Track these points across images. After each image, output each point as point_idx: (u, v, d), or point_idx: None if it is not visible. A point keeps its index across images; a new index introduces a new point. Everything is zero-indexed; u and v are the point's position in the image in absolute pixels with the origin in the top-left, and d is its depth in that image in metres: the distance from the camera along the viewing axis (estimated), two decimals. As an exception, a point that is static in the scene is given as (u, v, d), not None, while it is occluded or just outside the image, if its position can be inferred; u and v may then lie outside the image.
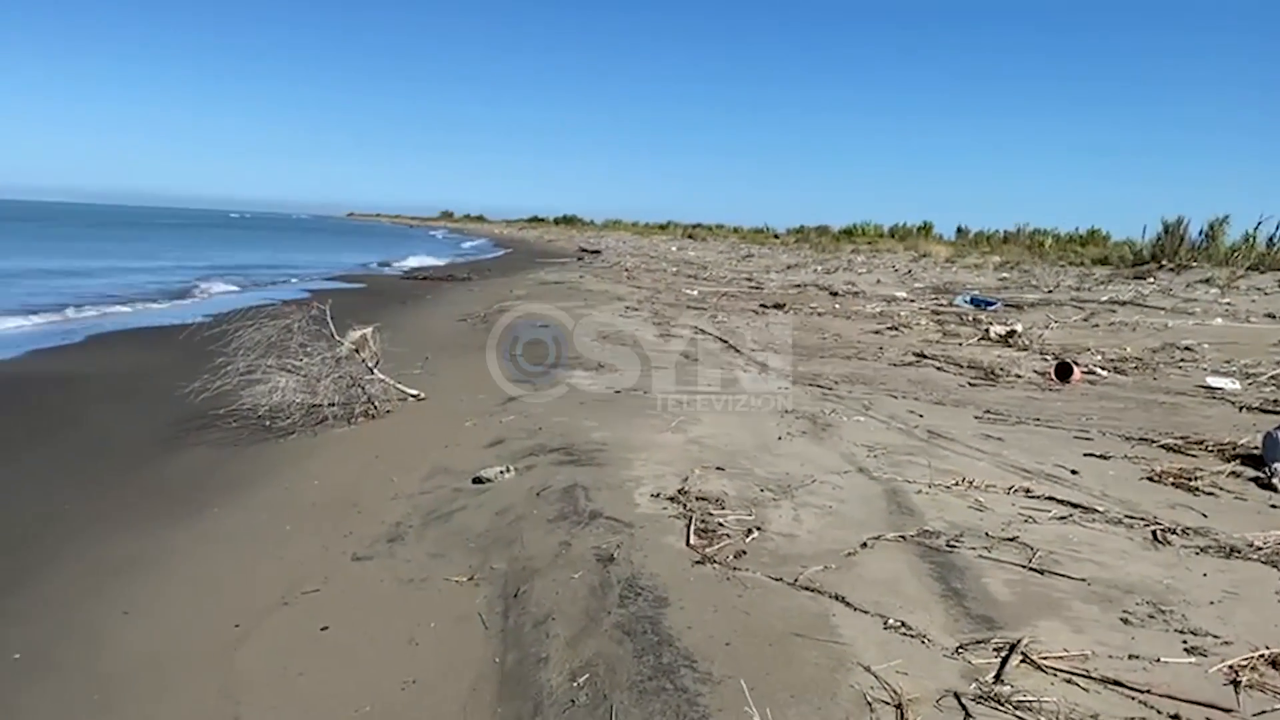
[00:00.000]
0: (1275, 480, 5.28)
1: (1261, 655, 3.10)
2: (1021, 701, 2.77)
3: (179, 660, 3.96)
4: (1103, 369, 9.82)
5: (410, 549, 4.86)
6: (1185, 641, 3.24)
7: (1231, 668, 3.03)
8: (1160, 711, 2.77)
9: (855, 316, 15.40)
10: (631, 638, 3.33)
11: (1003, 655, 3.08)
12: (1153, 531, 4.41)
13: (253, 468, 6.84)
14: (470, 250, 52.94)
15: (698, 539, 4.25)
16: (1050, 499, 4.93)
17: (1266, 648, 3.15)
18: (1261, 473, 5.43)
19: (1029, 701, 2.78)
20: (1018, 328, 12.76)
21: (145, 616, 4.43)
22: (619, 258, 36.71)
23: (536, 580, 4.09)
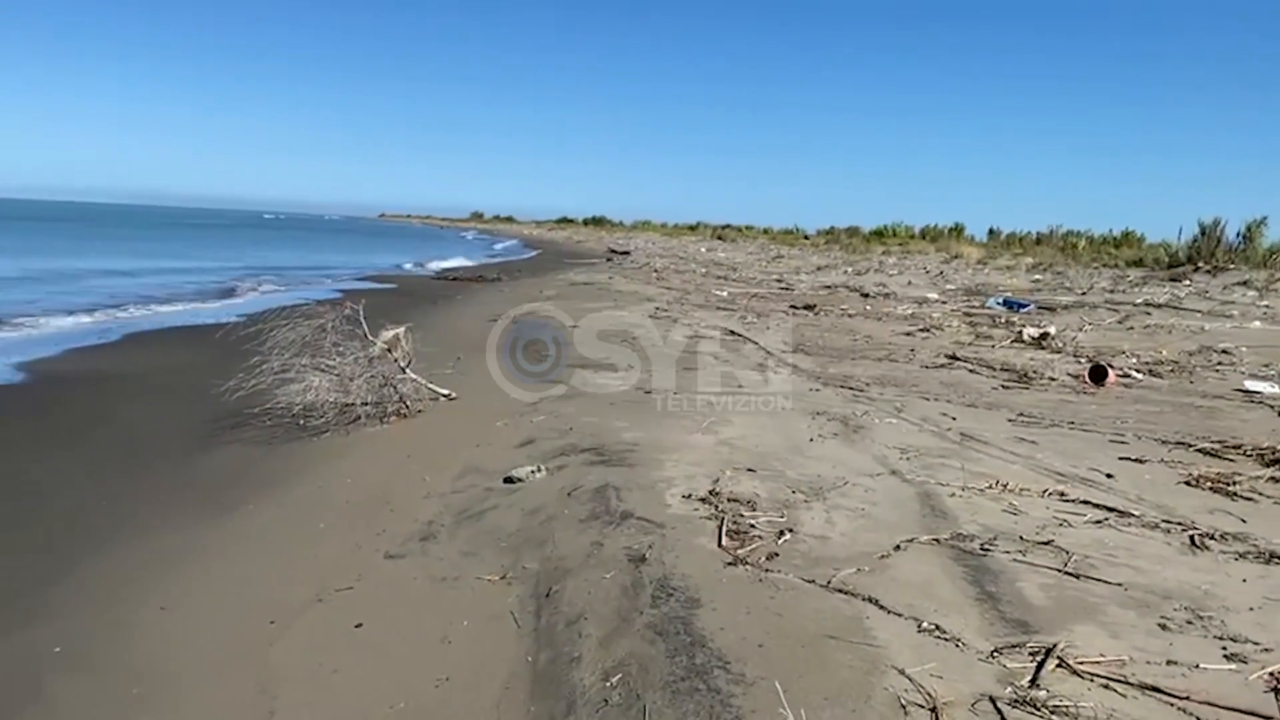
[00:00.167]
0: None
1: (1303, 663, 3.05)
2: (1058, 707, 2.75)
3: (215, 656, 4.01)
4: (1138, 372, 9.71)
5: (443, 548, 4.90)
6: (1224, 648, 3.20)
7: (1272, 675, 2.99)
8: (1199, 719, 2.73)
9: (886, 318, 15.32)
10: (664, 638, 3.33)
11: (1038, 660, 3.05)
12: (1190, 536, 4.36)
13: (287, 466, 6.91)
14: (501, 252, 53.18)
15: (729, 540, 4.25)
16: (1085, 503, 4.88)
17: (1308, 655, 3.10)
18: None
19: (1065, 707, 2.75)
20: (1051, 330, 12.64)
21: (182, 612, 4.49)
22: (648, 259, 36.74)
23: (568, 580, 4.10)
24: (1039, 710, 2.73)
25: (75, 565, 5.09)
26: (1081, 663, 3.03)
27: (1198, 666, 3.05)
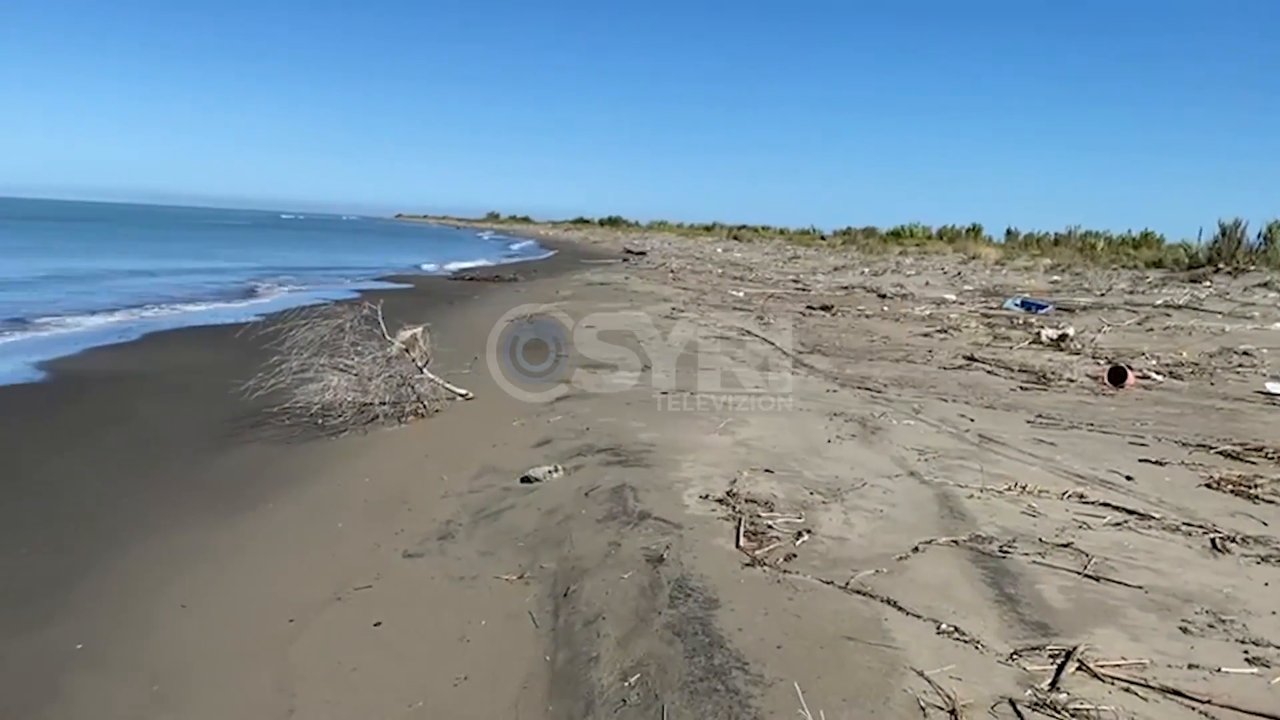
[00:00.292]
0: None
1: (1327, 667, 3.03)
2: (1078, 709, 2.74)
3: (235, 653, 4.04)
4: (1158, 374, 9.65)
5: (461, 547, 4.92)
6: (1246, 652, 3.17)
7: (1295, 679, 2.96)
8: (1221, 723, 2.72)
9: (904, 319, 15.27)
10: (682, 638, 3.34)
11: (1059, 662, 3.04)
12: (1211, 539, 4.33)
13: (305, 465, 6.95)
14: (518, 252, 53.33)
15: (747, 541, 4.25)
16: (1105, 505, 4.85)
17: (1332, 660, 3.08)
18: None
19: (1086, 709, 2.74)
20: (1070, 331, 12.57)
21: (202, 610, 4.52)
22: (664, 259, 36.73)
23: (586, 580, 4.11)
24: (1059, 713, 2.72)
25: (95, 563, 5.14)
26: (1102, 666, 3.01)
27: (1219, 670, 3.03)
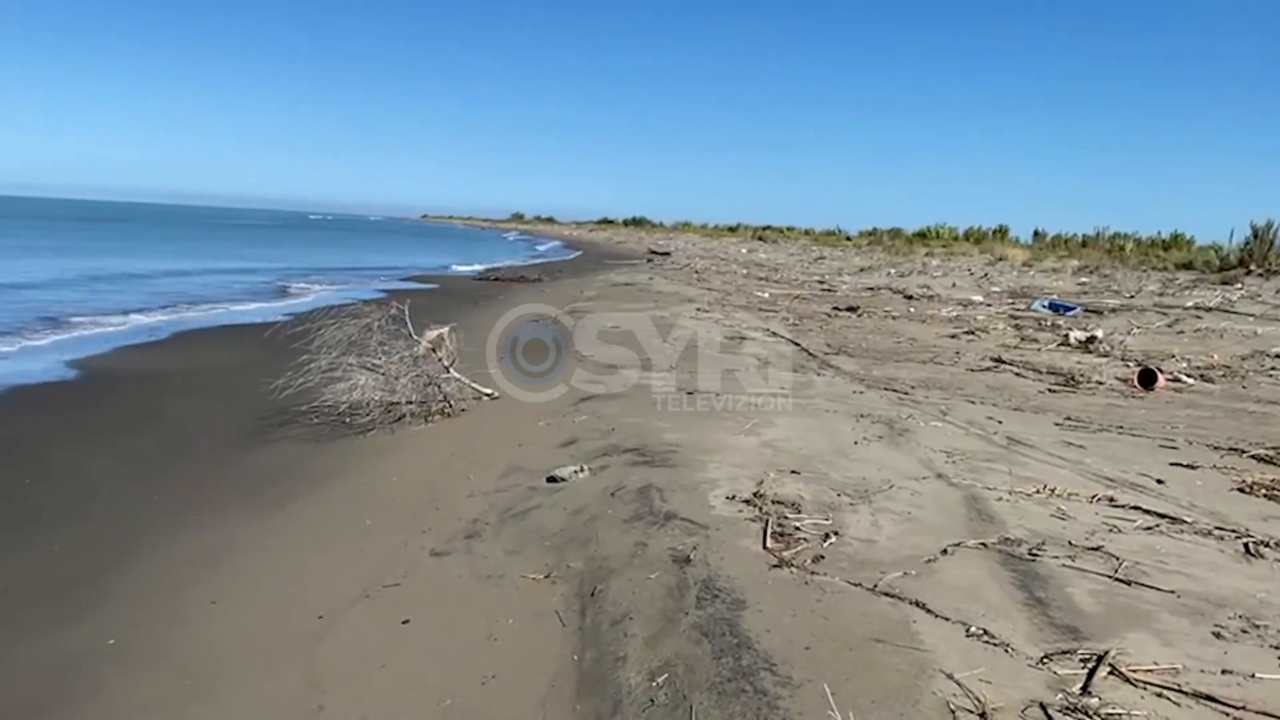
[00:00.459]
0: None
1: (1364, 675, 2.99)
2: (1110, 714, 2.71)
3: (265, 650, 4.09)
4: (1189, 376, 9.54)
5: (487, 546, 4.94)
6: (1281, 657, 3.14)
7: (1331, 686, 2.92)
8: (1256, 729, 2.69)
9: (930, 320, 15.19)
10: (710, 639, 3.34)
11: (1090, 666, 3.01)
12: (1245, 544, 4.28)
13: (333, 463, 7.01)
14: (544, 253, 53.57)
15: (774, 542, 4.24)
16: (1136, 509, 4.81)
17: (1369, 667, 3.04)
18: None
19: (1118, 714, 2.71)
20: (1098, 333, 12.45)
21: (232, 606, 4.58)
22: (689, 260, 36.71)
23: (613, 580, 4.12)
24: (1091, 717, 2.69)
25: (126, 559, 5.21)
26: (1134, 670, 2.98)
27: (1253, 676, 2.99)
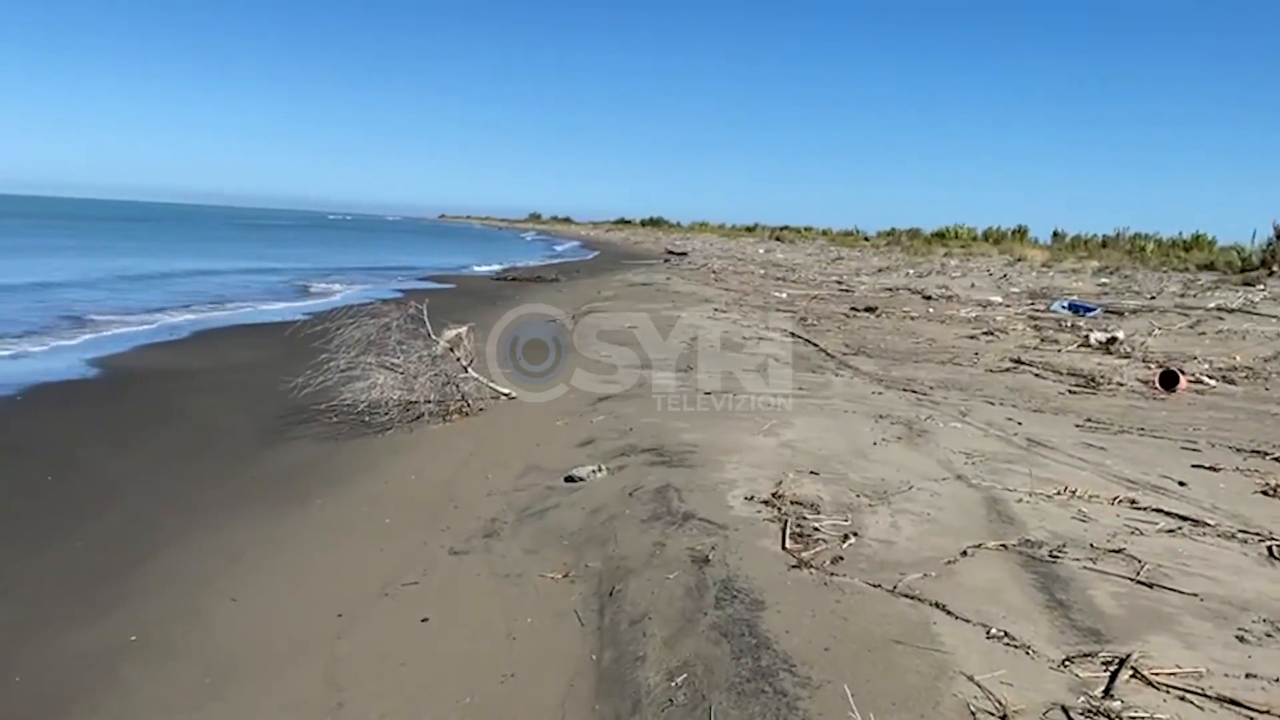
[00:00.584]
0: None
1: (1391, 680, 2.95)
2: (1133, 718, 2.69)
3: (284, 647, 4.11)
4: (1211, 378, 9.45)
5: (506, 545, 4.95)
6: (1306, 663, 3.11)
7: (1357, 691, 2.89)
8: (1281, 734, 2.66)
9: (949, 321, 15.11)
10: (729, 639, 3.33)
11: (1112, 669, 2.99)
12: (1268, 547, 4.24)
13: (352, 461, 7.04)
14: (562, 253, 53.68)
15: (793, 543, 4.23)
16: (1157, 511, 4.77)
17: (1396, 672, 3.00)
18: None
19: (1141, 718, 2.69)
20: (1119, 335, 12.36)
21: (252, 603, 4.61)
22: (706, 260, 36.64)
23: (631, 579, 4.12)
24: (1113, 721, 2.68)
25: (147, 556, 5.25)
26: (1157, 673, 2.96)
27: (1277, 680, 2.96)
